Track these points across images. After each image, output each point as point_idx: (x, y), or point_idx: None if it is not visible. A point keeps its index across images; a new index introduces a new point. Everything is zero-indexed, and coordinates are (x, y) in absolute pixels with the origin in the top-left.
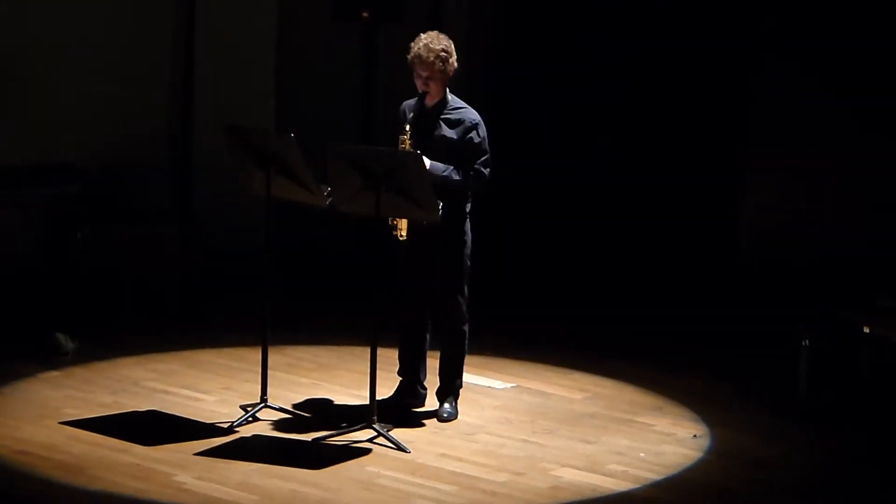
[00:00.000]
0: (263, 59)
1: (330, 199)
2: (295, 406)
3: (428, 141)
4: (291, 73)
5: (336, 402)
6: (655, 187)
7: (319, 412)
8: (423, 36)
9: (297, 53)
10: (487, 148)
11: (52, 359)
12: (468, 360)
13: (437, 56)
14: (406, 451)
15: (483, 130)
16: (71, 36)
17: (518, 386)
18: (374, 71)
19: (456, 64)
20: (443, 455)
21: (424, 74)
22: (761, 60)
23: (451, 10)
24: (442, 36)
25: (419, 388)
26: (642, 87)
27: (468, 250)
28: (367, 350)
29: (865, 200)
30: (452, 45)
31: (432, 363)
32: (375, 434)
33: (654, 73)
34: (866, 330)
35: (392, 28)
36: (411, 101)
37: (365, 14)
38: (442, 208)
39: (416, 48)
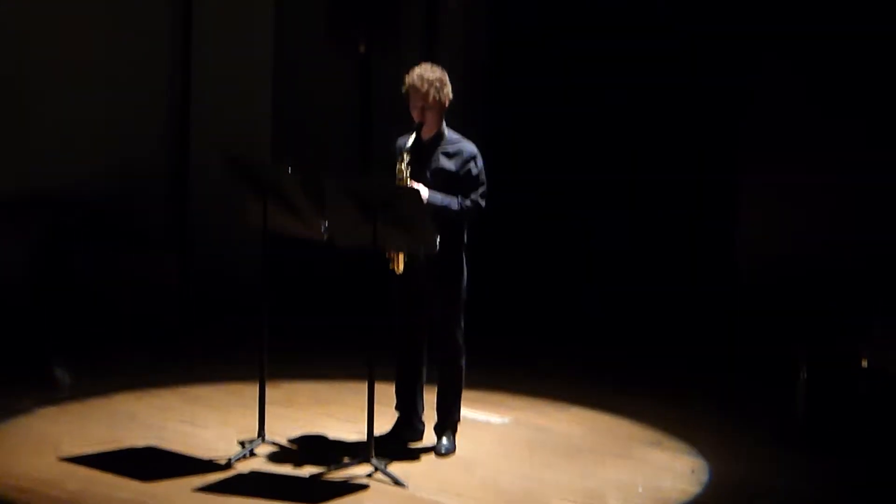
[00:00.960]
0: (261, 89)
1: (328, 233)
2: (293, 441)
3: (426, 173)
4: (288, 102)
5: (334, 437)
6: (652, 215)
7: (317, 447)
8: (417, 67)
9: (294, 83)
10: (485, 179)
11: (49, 393)
12: (465, 394)
13: (432, 85)
14: (404, 486)
15: (481, 162)
16: (69, 64)
17: (516, 420)
18: (371, 101)
19: (451, 94)
20: (441, 490)
21: (419, 104)
22: (757, 71)
23: (446, 42)
24: (436, 67)
25: (417, 422)
26: (639, 106)
27: (465, 283)
28: (365, 384)
29: (863, 228)
30: (447, 76)
31: (430, 397)
32: (373, 469)
33: (649, 92)
34: (864, 363)
35: (388, 58)
36: (405, 137)
37: (361, 46)
38: (439, 241)
39: (410, 79)
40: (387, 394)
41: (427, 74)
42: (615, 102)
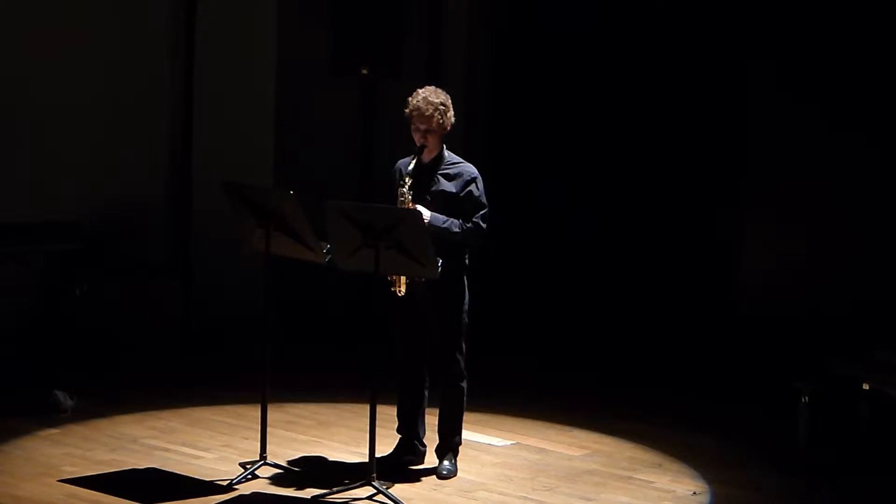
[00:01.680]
0: (262, 116)
1: (329, 257)
2: (294, 463)
3: (427, 196)
4: (290, 129)
5: (335, 460)
6: (652, 242)
7: (319, 469)
8: (420, 90)
9: (296, 110)
10: (485, 202)
11: (50, 416)
12: (467, 416)
13: (436, 109)
14: None
15: (481, 184)
16: (70, 94)
17: (517, 443)
18: (373, 128)
19: (453, 119)
20: None
21: (423, 127)
22: (757, 106)
23: (448, 68)
24: (440, 90)
25: (418, 444)
26: (639, 139)
27: (466, 306)
28: (367, 407)
29: (864, 253)
30: (450, 100)
31: (431, 420)
32: (375, 491)
33: (651, 125)
34: (866, 386)
35: (390, 85)
36: (406, 160)
37: (364, 71)
38: (441, 264)
39: (414, 101)
40: (388, 416)
41: (432, 98)
42: (617, 107)
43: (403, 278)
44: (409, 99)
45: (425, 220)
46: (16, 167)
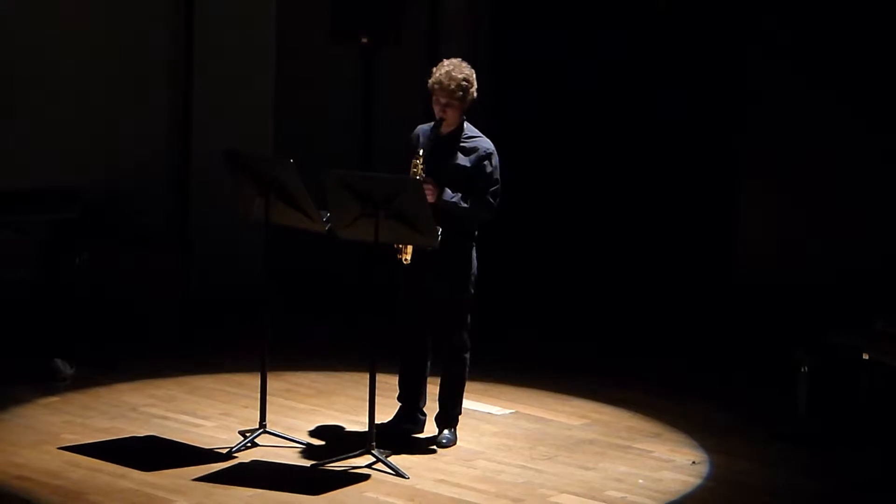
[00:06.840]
0: (262, 85)
1: (329, 225)
2: (294, 431)
3: (442, 168)
4: (290, 98)
5: (335, 428)
6: (652, 213)
7: (318, 437)
8: (445, 62)
9: (296, 78)
10: (498, 178)
11: (50, 384)
12: (467, 385)
13: (458, 84)
14: (405, 477)
15: (496, 160)
16: (70, 62)
17: (517, 412)
18: (373, 95)
19: (476, 94)
20: (441, 481)
21: (443, 101)
22: (758, 81)
23: (448, 35)
24: (465, 65)
25: (418, 413)
26: (639, 112)
27: (473, 278)
28: (366, 375)
29: (863, 224)
30: (474, 76)
31: (432, 389)
32: (374, 460)
33: (653, 98)
34: (866, 356)
35: (390, 52)
36: (426, 126)
37: (363, 39)
38: (447, 234)
39: (437, 74)
40: (388, 385)
41: (455, 73)
42: (616, 96)
43: (410, 247)
44: (434, 70)
45: (436, 194)
46: (14, 134)
